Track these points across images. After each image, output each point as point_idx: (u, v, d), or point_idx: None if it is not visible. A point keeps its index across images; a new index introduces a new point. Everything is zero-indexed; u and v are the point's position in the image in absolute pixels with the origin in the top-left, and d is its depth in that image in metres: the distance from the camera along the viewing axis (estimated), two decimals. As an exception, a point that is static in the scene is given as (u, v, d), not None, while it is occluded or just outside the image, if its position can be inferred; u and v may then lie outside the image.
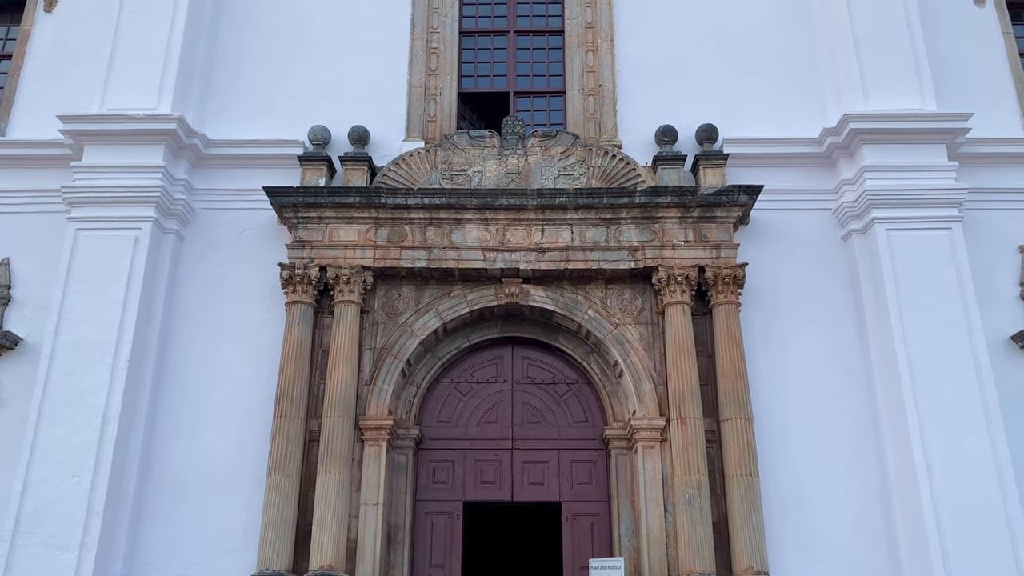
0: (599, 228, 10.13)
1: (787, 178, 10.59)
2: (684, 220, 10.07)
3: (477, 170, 10.55)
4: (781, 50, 11.34)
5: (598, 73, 11.32)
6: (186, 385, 9.88)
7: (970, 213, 10.20)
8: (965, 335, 9.44)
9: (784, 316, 10.08)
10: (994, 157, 10.57)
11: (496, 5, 12.08)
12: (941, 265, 9.71)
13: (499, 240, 10.10)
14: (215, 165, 10.76)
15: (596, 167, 10.49)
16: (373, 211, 10.12)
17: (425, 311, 10.11)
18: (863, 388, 9.80)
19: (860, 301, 10.03)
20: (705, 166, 10.36)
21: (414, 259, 10.01)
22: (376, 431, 9.52)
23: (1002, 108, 10.97)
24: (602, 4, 11.62)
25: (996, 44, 11.33)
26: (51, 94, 11.08)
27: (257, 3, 11.70)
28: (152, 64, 10.68)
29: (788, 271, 10.25)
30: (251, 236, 10.48)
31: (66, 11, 11.65)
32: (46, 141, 10.63)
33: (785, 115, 10.96)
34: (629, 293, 10.17)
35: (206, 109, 11.09)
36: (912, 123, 10.20)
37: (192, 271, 10.35)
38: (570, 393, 10.39)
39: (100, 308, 9.60)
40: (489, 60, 11.82)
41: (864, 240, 10.14)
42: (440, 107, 11.23)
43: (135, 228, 9.92)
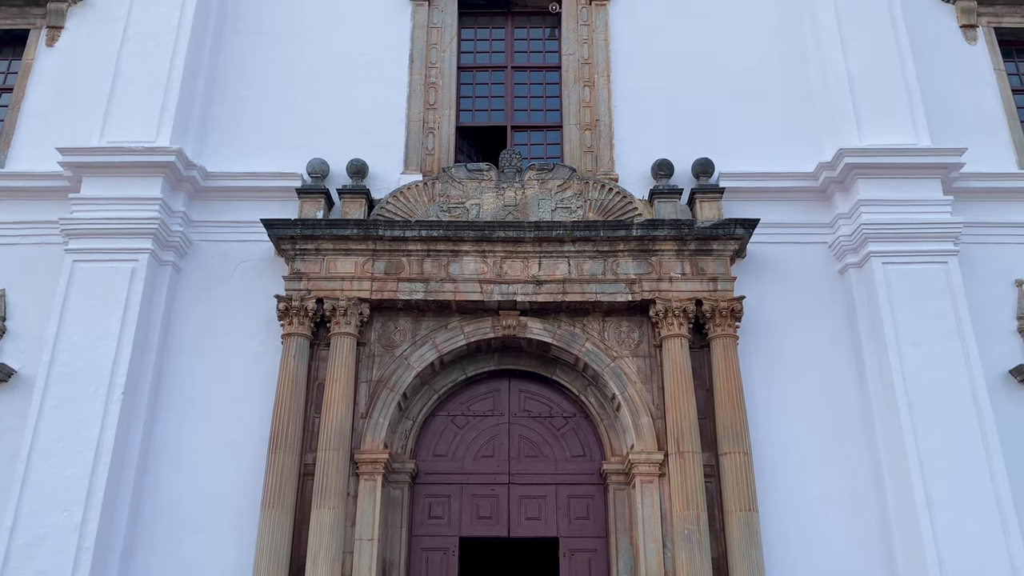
0: (596, 261, 10.15)
1: (783, 212, 10.65)
2: (681, 253, 10.10)
3: (475, 203, 10.59)
4: (776, 85, 11.48)
5: (594, 108, 11.43)
6: (181, 418, 9.80)
7: (966, 247, 10.24)
8: (964, 370, 9.43)
9: (782, 349, 10.07)
10: (988, 192, 10.65)
11: (494, 41, 12.24)
12: (938, 299, 9.73)
13: (496, 272, 10.10)
14: (213, 197, 10.80)
15: (593, 200, 10.54)
16: (371, 243, 10.14)
17: (422, 343, 10.07)
18: (862, 422, 9.75)
19: (857, 335, 10.02)
20: (701, 200, 10.42)
21: (411, 291, 10.00)
22: (371, 465, 9.43)
23: (995, 143, 11.09)
24: (598, 41, 11.77)
25: (988, 81, 11.48)
26: (51, 127, 11.16)
27: (257, 37, 11.84)
28: (152, 97, 10.77)
29: (785, 304, 10.26)
30: (248, 268, 10.48)
31: (68, 45, 11.78)
32: (44, 173, 10.68)
33: (780, 149, 11.06)
34: (627, 326, 10.16)
35: (205, 142, 11.17)
36: (906, 157, 10.29)
37: (188, 303, 10.33)
38: (568, 427, 10.32)
39: (95, 340, 9.56)
40: (487, 95, 11.95)
41: (861, 274, 10.17)
42: (438, 141, 11.31)
43: (132, 260, 9.92)
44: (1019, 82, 11.81)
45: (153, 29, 11.19)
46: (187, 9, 11.34)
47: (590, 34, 11.84)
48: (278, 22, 11.93)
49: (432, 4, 12.01)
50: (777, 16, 11.91)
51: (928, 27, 11.71)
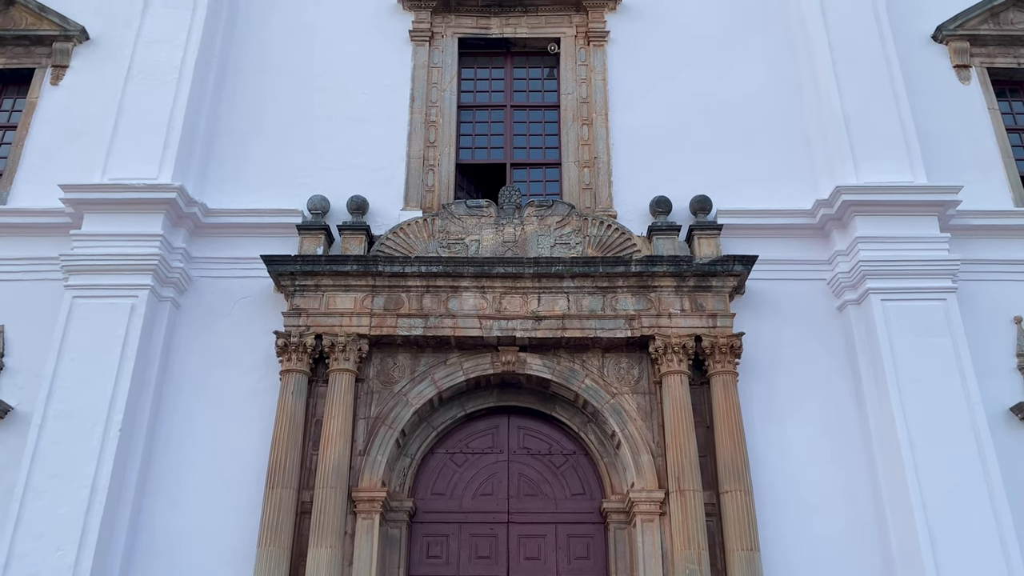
0: (595, 297, 10.16)
1: (781, 248, 10.70)
2: (680, 289, 10.12)
3: (474, 239, 10.63)
4: (772, 123, 11.61)
5: (593, 146, 11.54)
6: (178, 455, 9.72)
7: (964, 284, 10.26)
8: (964, 407, 9.39)
9: (782, 386, 10.04)
10: (985, 229, 10.70)
11: (493, 81, 12.40)
12: (938, 336, 9.73)
13: (496, 308, 10.11)
14: (214, 234, 10.84)
15: (592, 236, 10.59)
16: (370, 279, 10.16)
17: (421, 379, 10.03)
18: (863, 459, 9.68)
19: (857, 371, 10.00)
20: (700, 236, 10.47)
21: (410, 327, 9.99)
22: (369, 503, 9.33)
23: (991, 181, 11.17)
24: (596, 80, 11.93)
25: (982, 120, 11.61)
26: (53, 164, 11.23)
27: (260, 76, 11.99)
28: (154, 135, 10.87)
29: (785, 341, 10.26)
30: (247, 304, 10.48)
31: (72, 84, 11.91)
32: (46, 210, 10.71)
33: (778, 186, 11.15)
34: (626, 362, 10.13)
35: (206, 178, 11.25)
36: (903, 195, 10.37)
37: (187, 339, 10.31)
38: (567, 464, 10.24)
39: (93, 376, 9.52)
40: (487, 133, 12.07)
41: (860, 310, 10.18)
42: (438, 178, 11.40)
43: (131, 296, 9.91)
44: (1013, 121, 11.95)
45: (157, 68, 11.33)
46: (190, 49, 11.50)
47: (588, 74, 12.00)
48: (280, 61, 12.09)
49: (433, 44, 12.19)
50: (773, 55, 12.08)
51: (922, 67, 11.87)
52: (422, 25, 12.24)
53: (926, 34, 12.17)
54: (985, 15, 12.14)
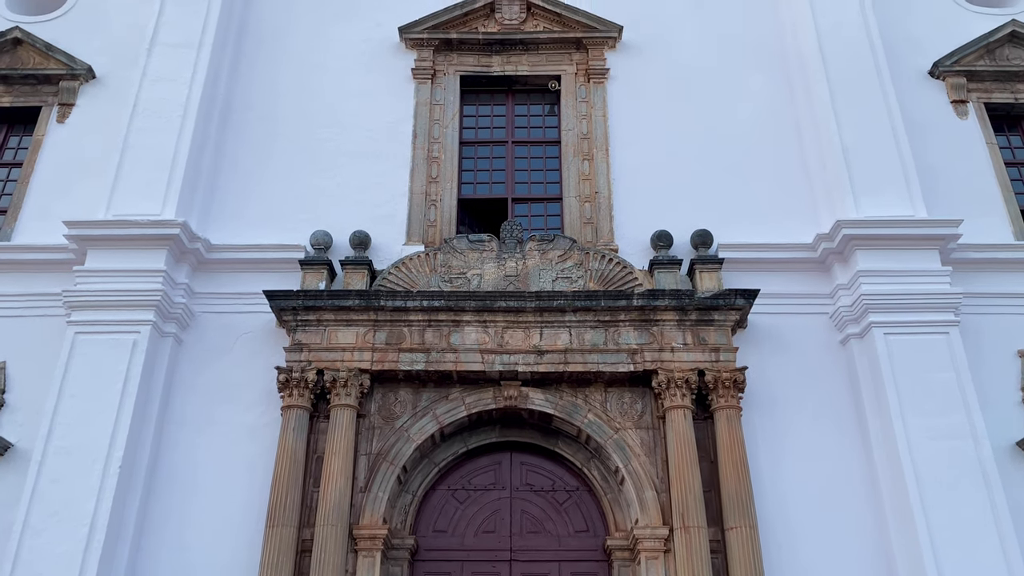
0: (597, 331, 10.15)
1: (783, 282, 10.69)
2: (682, 323, 10.10)
3: (476, 273, 10.65)
4: (772, 157, 11.68)
5: (594, 181, 11.61)
6: (178, 492, 9.63)
7: (966, 318, 10.24)
8: (970, 441, 9.32)
9: (786, 421, 9.97)
10: (987, 262, 10.71)
11: (495, 117, 12.52)
12: (941, 370, 9.68)
13: (498, 342, 10.09)
14: (216, 269, 10.87)
15: (593, 270, 10.61)
16: (372, 314, 10.16)
17: (422, 415, 9.98)
18: (869, 495, 9.58)
19: (861, 406, 9.94)
20: (701, 270, 10.48)
21: (412, 361, 9.96)
22: (370, 541, 9.22)
23: (991, 215, 11.20)
24: (596, 116, 12.04)
25: (980, 154, 11.68)
26: (58, 201, 11.29)
27: (264, 113, 12.12)
28: (159, 171, 10.96)
29: (788, 375, 10.21)
30: (249, 340, 10.47)
31: (78, 121, 12.03)
32: (50, 246, 10.76)
33: (778, 220, 11.18)
34: (629, 396, 10.08)
35: (210, 214, 11.31)
36: (904, 229, 10.39)
37: (189, 375, 10.28)
38: (570, 501, 10.14)
39: (94, 413, 9.48)
40: (488, 168, 12.16)
41: (862, 344, 10.15)
42: (440, 213, 11.46)
43: (133, 332, 9.91)
44: (1011, 155, 12.04)
45: (162, 106, 11.45)
46: (195, 87, 11.64)
47: (588, 110, 12.12)
48: (284, 99, 12.23)
49: (435, 82, 12.34)
50: (772, 91, 12.20)
51: (919, 103, 11.98)
52: (424, 63, 12.41)
53: (923, 70, 12.31)
54: (981, 51, 12.30)
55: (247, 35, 12.81)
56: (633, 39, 12.62)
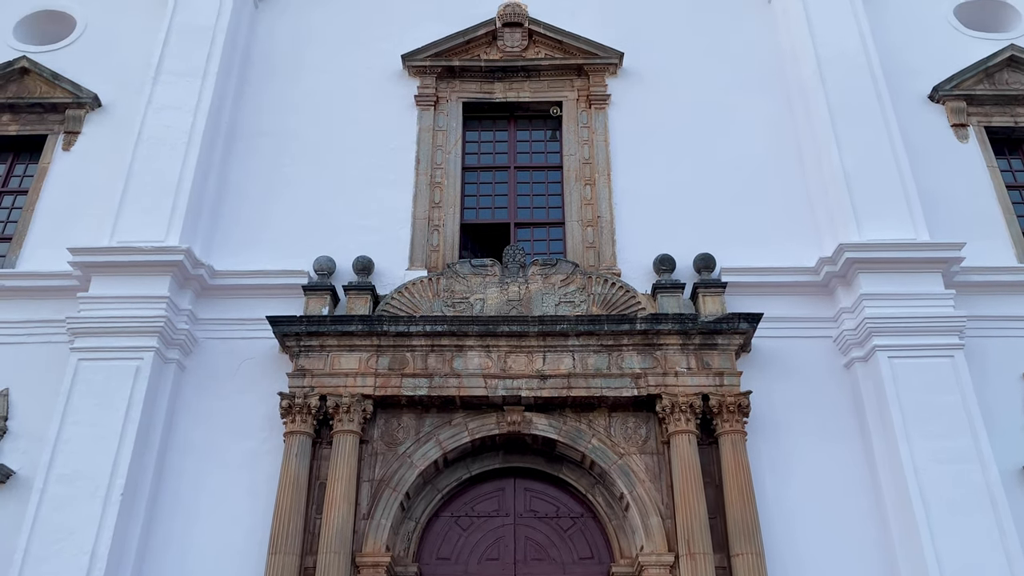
0: (601, 355, 10.12)
1: (786, 306, 10.67)
2: (686, 347, 10.08)
3: (479, 298, 10.66)
4: (774, 181, 11.72)
5: (596, 205, 11.65)
6: (180, 519, 9.58)
7: (971, 341, 10.21)
8: (977, 465, 9.24)
9: (791, 446, 9.91)
10: (990, 285, 10.69)
11: (497, 143, 12.60)
12: (947, 393, 9.63)
13: (501, 367, 10.07)
14: (220, 295, 10.89)
15: (596, 295, 10.61)
16: (375, 339, 10.15)
17: (425, 440, 9.94)
18: (876, 520, 9.49)
19: (867, 429, 9.88)
20: (704, 294, 10.48)
21: (415, 387, 9.94)
22: (373, 569, 9.15)
23: (993, 238, 11.20)
24: (598, 142, 12.11)
25: (982, 177, 11.71)
26: (63, 228, 11.34)
27: (269, 140, 12.21)
28: (163, 198, 11.01)
29: (793, 399, 10.16)
30: (252, 365, 10.46)
31: (84, 149, 12.12)
32: (53, 273, 10.79)
33: (781, 243, 11.19)
34: (633, 421, 10.03)
35: (213, 240, 11.35)
36: (906, 252, 10.39)
37: (191, 401, 10.26)
38: (575, 527, 10.05)
39: (96, 440, 9.44)
40: (491, 193, 12.21)
41: (867, 368, 10.10)
42: (443, 238, 11.49)
43: (136, 358, 9.90)
44: (1012, 179, 12.06)
45: (166, 133, 11.54)
46: (200, 114, 11.73)
47: (590, 135, 12.19)
48: (289, 125, 12.32)
49: (438, 109, 12.44)
50: (772, 115, 12.26)
51: (920, 127, 12.03)
52: (427, 90, 12.51)
53: (923, 94, 12.38)
54: (980, 76, 12.38)
55: (251, 63, 12.95)
56: (634, 65, 12.73)
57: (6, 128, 12.34)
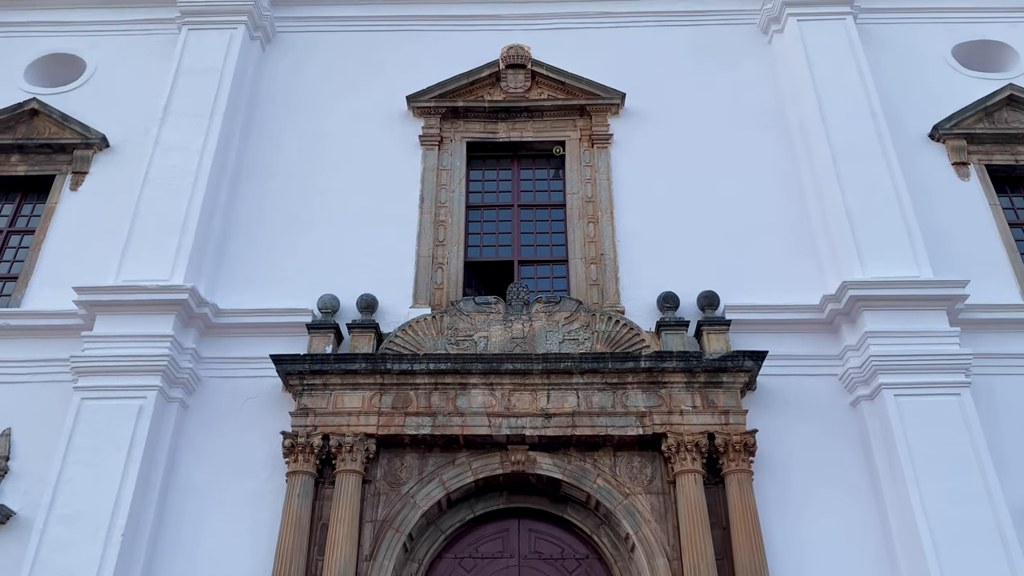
0: (605, 393, 10.08)
1: (791, 344, 10.64)
2: (691, 385, 10.03)
3: (483, 335, 10.65)
4: (776, 219, 11.75)
5: (599, 243, 11.69)
6: (180, 560, 9.47)
7: (977, 379, 10.13)
8: (987, 506, 9.13)
9: (798, 485, 9.80)
10: (995, 323, 10.65)
11: (501, 182, 12.70)
12: (954, 432, 9.55)
13: (504, 405, 10.02)
14: (224, 334, 10.89)
15: (600, 332, 10.59)
16: (379, 377, 10.12)
17: (428, 480, 9.85)
18: (885, 560, 9.36)
19: (874, 468, 9.79)
20: (708, 332, 10.46)
21: (418, 426, 9.88)
22: (376, 611, 9.01)
23: (997, 276, 11.19)
24: (601, 180, 12.20)
25: (984, 215, 11.73)
26: (69, 267, 11.37)
27: (274, 179, 12.30)
28: (169, 237, 11.08)
29: (799, 438, 10.08)
30: (255, 404, 10.42)
31: (91, 189, 12.22)
32: (58, 312, 10.81)
33: (784, 281, 11.18)
34: (639, 461, 9.95)
35: (219, 279, 11.39)
36: (910, 290, 10.38)
37: (194, 441, 10.21)
38: (580, 569, 9.90)
39: (97, 480, 9.39)
40: (494, 231, 12.27)
41: (873, 406, 10.04)
42: (447, 275, 11.52)
43: (140, 397, 9.88)
44: (1015, 216, 12.09)
45: (173, 173, 11.65)
46: (206, 154, 11.85)
47: (593, 174, 12.28)
48: (294, 165, 12.44)
49: (442, 148, 12.56)
50: (774, 154, 12.34)
51: (921, 165, 12.09)
52: (432, 131, 12.65)
53: (923, 133, 12.47)
54: (980, 114, 12.48)
55: (258, 104, 13.11)
56: (636, 105, 12.86)
57: (15, 168, 12.48)
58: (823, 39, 12.90)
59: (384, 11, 13.98)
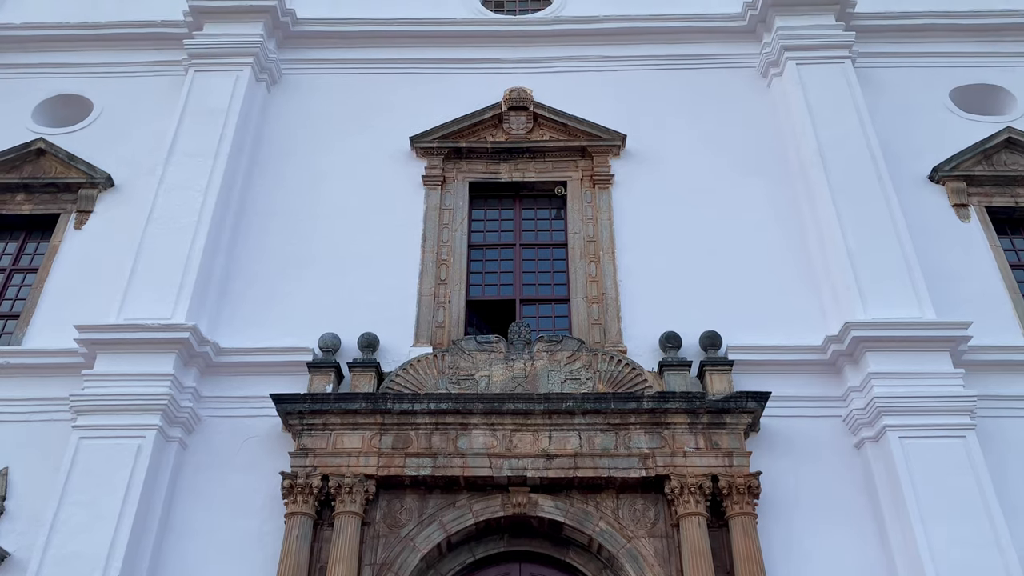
0: (608, 434, 10.00)
1: (794, 385, 10.58)
2: (694, 426, 9.96)
3: (484, 375, 10.61)
4: (778, 259, 11.78)
5: (600, 282, 11.70)
6: (176, 605, 9.33)
7: (982, 421, 10.05)
8: (995, 550, 8.99)
9: (803, 528, 9.67)
10: (999, 365, 10.60)
11: (503, 221, 12.76)
12: (961, 475, 9.45)
13: (506, 446, 9.93)
14: (224, 372, 10.86)
15: (602, 372, 10.55)
16: (379, 417, 10.06)
17: (428, 523, 9.73)
18: (893, 606, 9.20)
19: (880, 511, 9.68)
20: (711, 372, 10.41)
21: (419, 467, 9.79)
22: (374, 658, 8.84)
23: (999, 317, 11.16)
24: (602, 220, 12.26)
25: (985, 256, 11.75)
26: (70, 305, 11.36)
27: (278, 218, 12.37)
28: (171, 276, 11.11)
29: (803, 480, 9.97)
30: (255, 444, 10.35)
31: (95, 228, 12.28)
32: (59, 350, 10.79)
33: (786, 321, 11.17)
34: (641, 503, 9.83)
35: (220, 317, 11.39)
36: (913, 331, 10.36)
37: (193, 481, 10.11)
38: (583, 614, 9.74)
39: (94, 520, 9.27)
40: (496, 270, 12.30)
41: (878, 448, 9.95)
42: (448, 314, 11.52)
43: (139, 436, 9.81)
44: (1016, 258, 12.09)
45: (177, 212, 11.72)
46: (210, 194, 11.93)
47: (594, 214, 12.35)
48: (298, 204, 12.52)
49: (444, 188, 12.65)
50: (775, 194, 12.41)
51: (921, 206, 12.14)
52: (434, 171, 12.75)
53: (922, 175, 12.55)
54: (979, 157, 12.57)
55: (262, 144, 13.24)
56: (636, 147, 12.98)
57: (20, 207, 12.56)
58: (822, 82, 13.07)
59: (389, 54, 14.21)
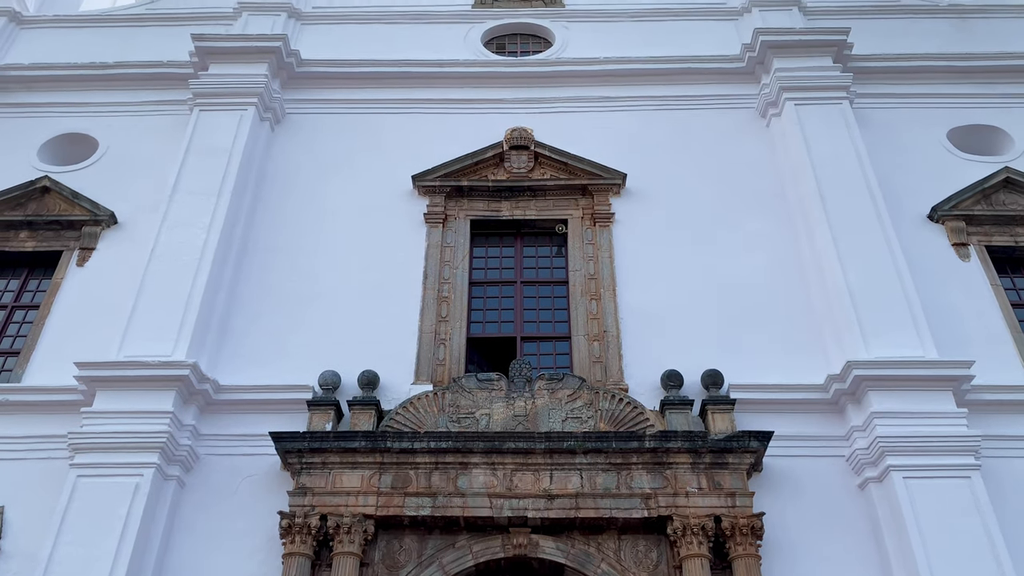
0: (609, 474, 9.91)
1: (797, 424, 10.51)
2: (696, 466, 9.87)
3: (484, 413, 10.55)
4: (779, 297, 11.79)
5: (601, 320, 11.70)
6: (169, 648, 9.16)
7: (986, 461, 9.94)
8: (1003, 593, 8.86)
9: (807, 570, 9.53)
10: (1002, 404, 10.53)
11: (504, 259, 12.80)
12: (966, 516, 9.34)
13: (506, 486, 9.84)
14: (224, 410, 10.80)
15: (604, 410, 10.49)
16: (378, 456, 9.98)
17: (428, 564, 9.60)
18: (900, 650, 9.03)
19: (885, 553, 9.56)
20: (713, 411, 10.35)
21: (418, 507, 9.69)
22: None
23: (1002, 356, 11.12)
24: (603, 258, 12.29)
25: (985, 295, 11.75)
26: (71, 342, 11.34)
27: (279, 255, 12.43)
28: (172, 313, 11.11)
29: (807, 521, 9.85)
30: (253, 483, 10.25)
31: (97, 265, 12.32)
32: (58, 388, 10.73)
33: (787, 360, 11.13)
34: (644, 544, 9.70)
35: (220, 354, 11.36)
36: (916, 370, 10.33)
37: (190, 520, 10.00)
38: (584, 658, 9.55)
39: (89, 561, 9.15)
40: (497, 308, 12.30)
41: (882, 488, 9.85)
42: (449, 351, 11.49)
43: (136, 475, 9.73)
44: (1017, 296, 12.09)
45: (179, 249, 11.77)
46: (213, 231, 11.99)
47: (595, 252, 12.39)
48: (299, 241, 12.58)
49: (446, 226, 12.72)
50: (774, 233, 12.47)
51: (921, 245, 12.18)
52: (436, 209, 12.83)
53: (921, 214, 12.61)
54: (978, 196, 12.65)
55: (265, 182, 13.34)
56: (637, 185, 13.07)
57: (23, 244, 12.61)
58: (820, 122, 13.21)
59: (392, 95, 14.40)
